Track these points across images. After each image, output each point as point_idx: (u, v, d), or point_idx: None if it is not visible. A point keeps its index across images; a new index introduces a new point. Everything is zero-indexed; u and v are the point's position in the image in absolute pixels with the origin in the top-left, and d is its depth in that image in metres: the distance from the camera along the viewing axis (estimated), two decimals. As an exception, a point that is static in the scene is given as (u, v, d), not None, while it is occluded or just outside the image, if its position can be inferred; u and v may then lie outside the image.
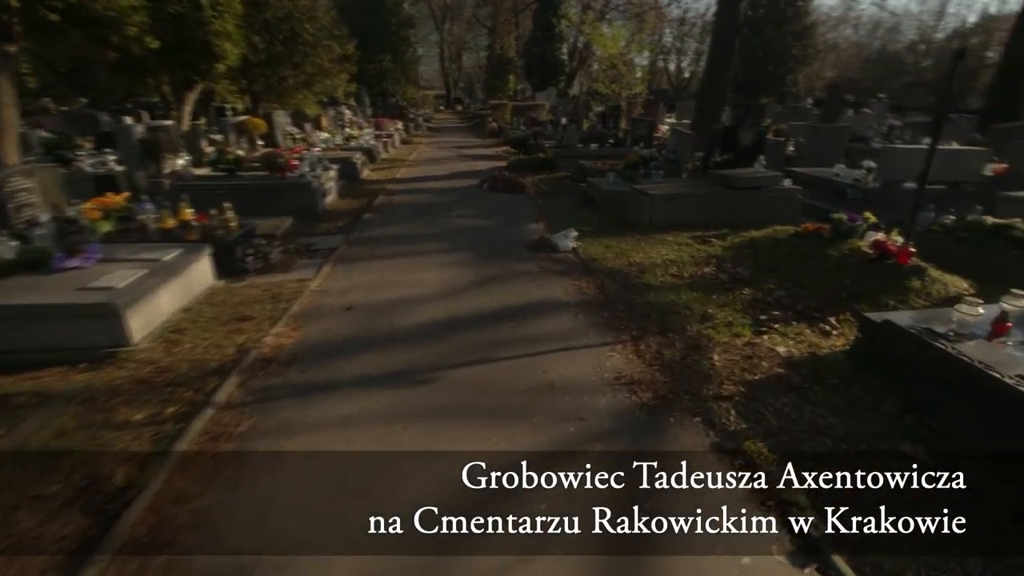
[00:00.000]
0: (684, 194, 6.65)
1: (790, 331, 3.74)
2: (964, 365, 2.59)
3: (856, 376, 3.11)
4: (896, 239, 4.39)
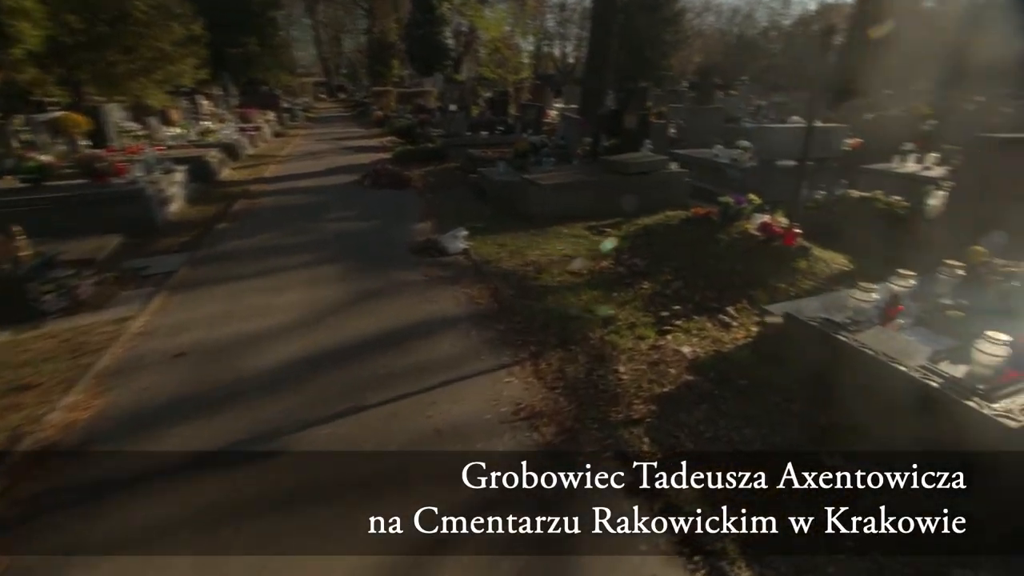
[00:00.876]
0: (576, 182, 6.37)
1: (692, 327, 3.53)
2: (868, 358, 2.44)
3: (763, 374, 2.92)
4: (781, 220, 4.38)
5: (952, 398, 2.14)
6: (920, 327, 2.77)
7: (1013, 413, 2.04)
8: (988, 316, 2.69)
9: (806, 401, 2.68)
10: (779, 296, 3.87)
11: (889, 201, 4.88)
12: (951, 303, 2.86)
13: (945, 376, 2.27)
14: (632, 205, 6.18)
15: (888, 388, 2.38)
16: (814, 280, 4.02)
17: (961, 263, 3.12)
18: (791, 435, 2.47)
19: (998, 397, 2.13)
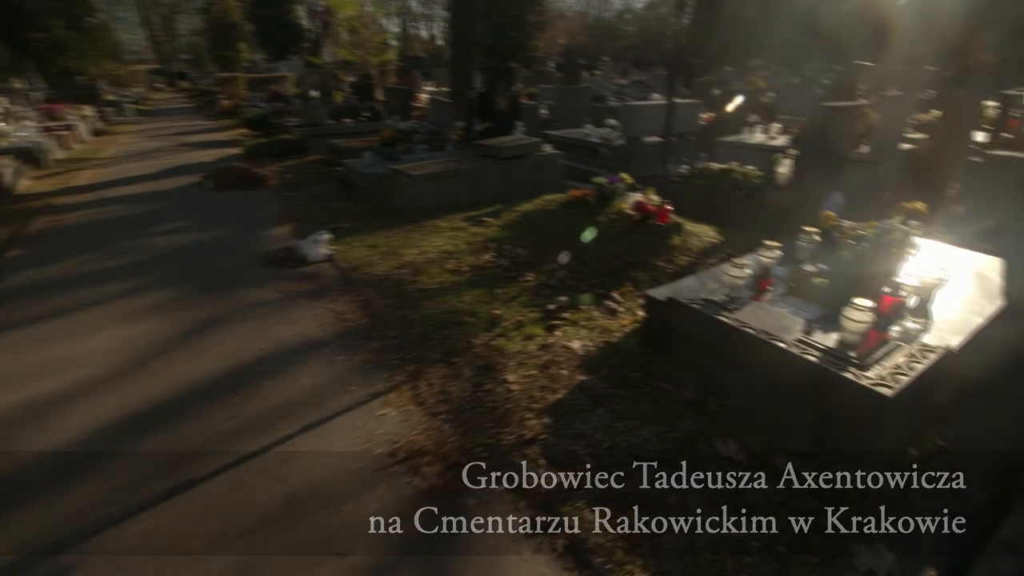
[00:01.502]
0: (450, 170, 5.96)
1: (580, 317, 3.34)
2: (750, 337, 2.38)
3: (653, 363, 2.80)
4: (652, 198, 4.36)
5: (831, 372, 2.12)
6: (791, 297, 2.80)
7: (886, 380, 2.06)
8: (847, 280, 2.79)
9: (697, 387, 2.59)
10: (659, 275, 3.83)
11: (745, 171, 5.12)
12: (814, 270, 2.94)
13: (821, 348, 2.27)
14: (510, 190, 5.93)
15: (771, 365, 2.34)
16: (689, 255, 4.05)
17: (816, 229, 3.25)
18: (686, 427, 2.35)
19: (870, 364, 2.16)
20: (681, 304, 2.70)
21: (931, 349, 2.26)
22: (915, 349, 2.26)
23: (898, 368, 2.13)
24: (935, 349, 2.26)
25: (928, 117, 5.93)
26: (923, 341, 2.36)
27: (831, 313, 2.62)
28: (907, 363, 2.18)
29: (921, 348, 2.27)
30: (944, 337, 2.41)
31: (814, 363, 2.18)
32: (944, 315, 2.59)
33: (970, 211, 4.13)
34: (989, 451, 2.38)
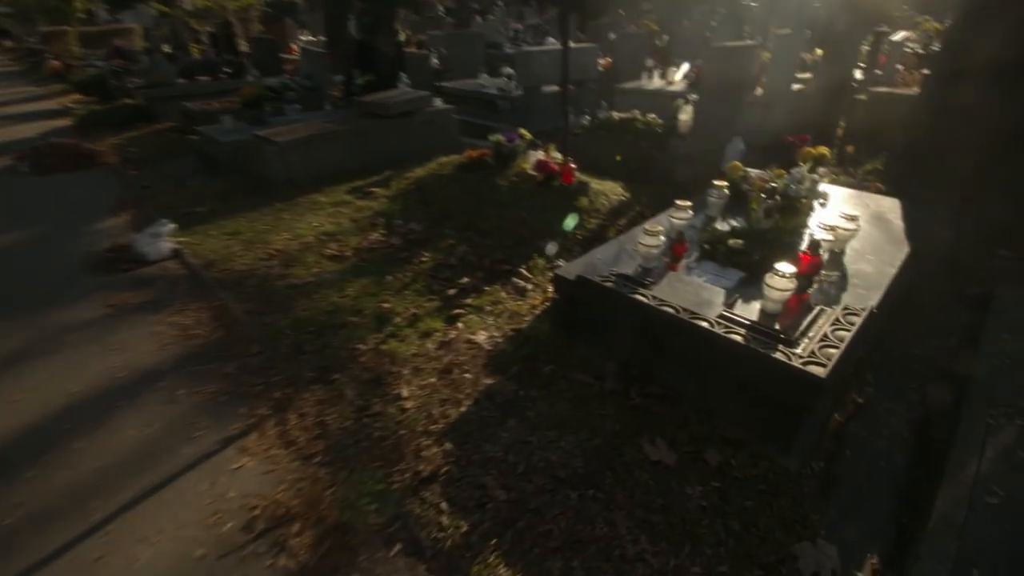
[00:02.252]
0: (328, 133, 5.12)
1: (485, 302, 2.91)
2: (670, 317, 2.08)
3: (568, 350, 2.45)
4: (555, 155, 3.94)
5: (760, 352, 1.86)
6: (707, 261, 2.54)
7: (817, 356, 1.83)
8: (762, 239, 2.56)
9: (617, 375, 2.28)
10: (569, 242, 3.47)
11: (647, 120, 4.83)
12: (728, 229, 2.69)
13: (746, 324, 2.01)
14: (399, 153, 5.23)
15: (695, 346, 2.06)
16: (598, 217, 3.71)
17: (724, 182, 3.00)
18: (610, 429, 2.03)
19: (798, 338, 1.93)
20: (593, 283, 2.33)
21: (854, 312, 2.08)
22: (839, 313, 2.07)
23: (826, 340, 1.92)
24: (858, 312, 2.08)
25: (812, 57, 5.95)
26: (844, 303, 2.18)
27: (750, 276, 2.40)
28: (833, 331, 1.97)
29: (844, 312, 2.08)
30: (863, 295, 2.25)
31: (741, 344, 1.91)
32: (859, 268, 2.45)
33: (860, 150, 4.13)
34: (904, 405, 2.31)
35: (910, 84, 5.51)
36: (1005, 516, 1.65)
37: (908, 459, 2.05)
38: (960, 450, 1.90)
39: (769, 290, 2.06)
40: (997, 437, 1.94)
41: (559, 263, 3.26)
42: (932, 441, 2.11)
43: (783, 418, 1.91)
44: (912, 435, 2.17)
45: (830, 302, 2.21)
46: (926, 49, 6.87)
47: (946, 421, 2.21)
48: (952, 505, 1.71)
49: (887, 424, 2.22)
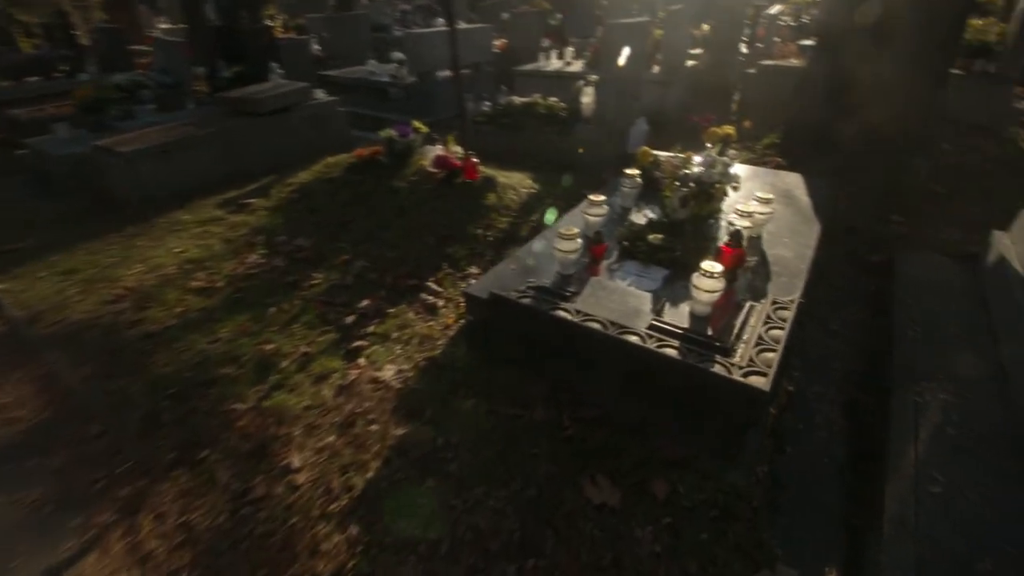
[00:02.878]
0: (188, 138, 4.35)
1: (391, 327, 2.52)
2: (597, 334, 1.83)
3: (489, 377, 2.14)
4: (455, 149, 3.56)
5: (697, 367, 1.66)
6: (628, 260, 2.33)
7: (755, 363, 1.67)
8: (681, 229, 2.39)
9: (547, 401, 2.01)
10: (479, 246, 3.14)
11: (549, 104, 4.58)
12: (645, 222, 2.49)
13: (678, 333, 1.80)
14: (279, 156, 4.58)
15: (628, 362, 1.83)
16: (509, 215, 3.41)
17: (635, 171, 2.81)
18: (545, 472, 1.76)
19: (733, 344, 1.75)
20: (508, 301, 2.03)
21: (783, 305, 1.95)
22: (769, 309, 1.93)
23: (762, 342, 1.77)
24: (787, 305, 1.95)
25: (701, 32, 6.00)
26: (771, 294, 2.05)
27: (675, 273, 2.21)
28: (767, 331, 1.83)
29: (774, 307, 1.95)
30: (787, 284, 2.14)
31: (676, 360, 1.70)
32: (778, 254, 2.35)
33: (757, 124, 4.16)
34: (832, 388, 2.27)
35: (787, 56, 5.71)
36: (951, 507, 1.58)
37: (847, 450, 1.99)
38: (896, 436, 1.84)
39: (697, 292, 1.87)
40: (927, 416, 1.91)
41: (471, 271, 2.93)
42: (866, 426, 2.07)
43: (727, 433, 1.74)
44: (846, 421, 2.12)
45: (757, 295, 2.07)
46: (797, 21, 7.22)
47: (873, 400, 2.18)
48: (900, 503, 1.62)
49: (820, 411, 2.15)
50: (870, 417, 2.10)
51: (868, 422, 2.07)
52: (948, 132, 3.90)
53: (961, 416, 1.90)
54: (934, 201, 3.25)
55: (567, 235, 2.14)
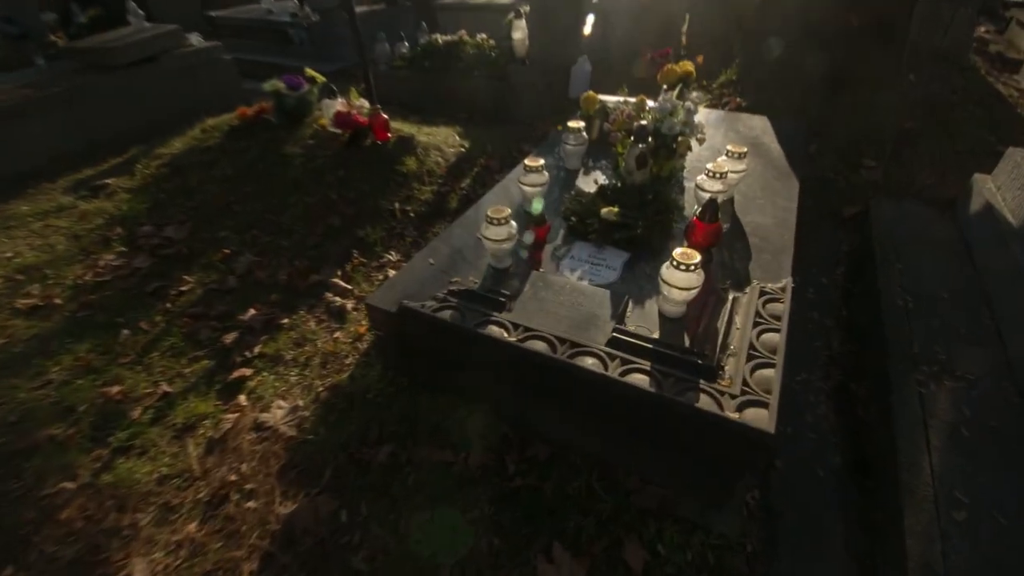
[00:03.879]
0: (23, 105, 3.36)
1: (285, 344, 1.94)
2: (545, 360, 1.34)
3: (412, 409, 1.64)
4: (360, 103, 2.85)
5: (679, 403, 1.21)
6: (578, 242, 1.82)
7: (751, 389, 1.23)
8: (641, 199, 1.89)
9: (479, 439, 1.53)
10: (398, 225, 2.54)
11: (478, 43, 3.85)
12: (595, 189, 1.96)
13: (648, 349, 1.34)
14: (146, 119, 3.67)
15: (588, 391, 1.36)
16: (433, 182, 2.79)
17: (578, 124, 2.24)
18: (488, 547, 1.31)
19: (720, 360, 1.31)
20: (423, 316, 1.49)
21: (774, 296, 1.52)
22: (756, 301, 1.49)
23: (754, 352, 1.33)
24: (778, 295, 1.52)
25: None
26: (755, 278, 1.61)
27: (637, 255, 1.73)
28: (758, 334, 1.39)
29: (763, 298, 1.51)
30: (771, 262, 1.70)
31: (647, 392, 1.24)
32: (756, 222, 1.90)
33: (709, 58, 3.62)
34: (818, 375, 1.91)
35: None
36: (981, 538, 1.25)
37: (844, 458, 1.64)
38: (905, 446, 1.49)
39: (669, 290, 1.40)
40: (935, 413, 1.57)
41: (388, 258, 2.35)
42: (862, 425, 1.72)
43: (717, 479, 1.33)
44: (838, 417, 1.77)
45: (738, 281, 1.63)
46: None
47: (865, 388, 1.84)
48: (923, 542, 1.28)
49: (808, 406, 1.79)
50: (864, 410, 1.77)
51: (863, 419, 1.73)
52: (910, 61, 3.52)
53: (972, 409, 1.57)
54: (905, 140, 2.89)
55: (497, 218, 1.59)
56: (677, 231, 1.81)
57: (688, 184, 2.09)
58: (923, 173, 2.73)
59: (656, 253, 1.73)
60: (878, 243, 2.30)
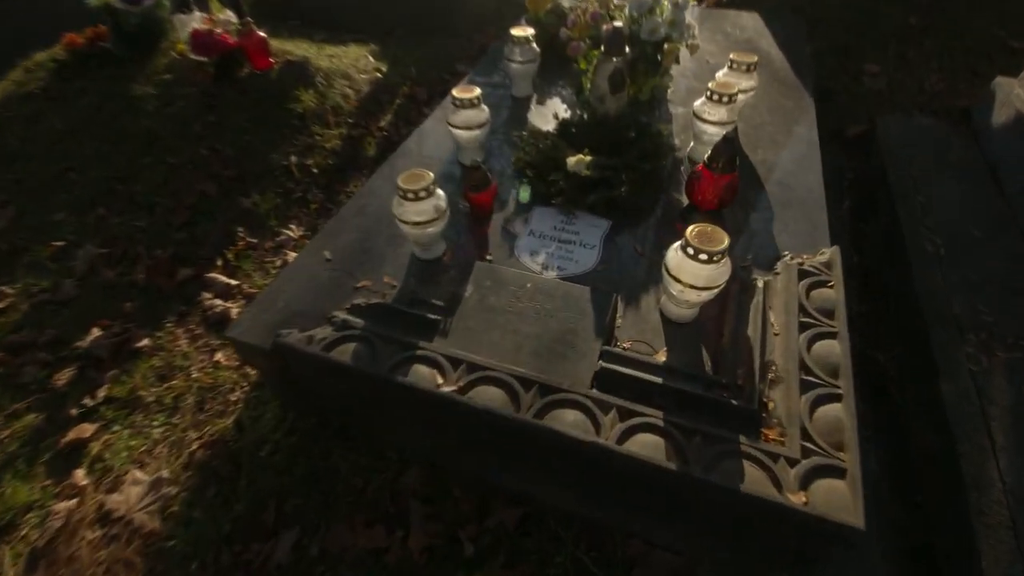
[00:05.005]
0: None
1: (143, 379, 1.36)
2: (503, 422, 0.85)
3: (325, 468, 1.14)
4: (226, 16, 2.03)
5: (710, 485, 0.76)
6: (538, 208, 1.27)
7: (820, 447, 0.79)
8: (619, 139, 1.32)
9: (419, 508, 1.07)
10: (297, 187, 1.89)
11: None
12: (555, 127, 1.38)
13: (653, 385, 0.87)
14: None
15: (580, 463, 0.89)
16: (342, 124, 2.09)
17: (526, 31, 1.59)
18: None
19: (761, 395, 0.85)
20: (309, 356, 0.94)
21: (821, 278, 1.05)
22: (795, 287, 1.02)
23: (812, 378, 0.88)
24: (825, 274, 1.05)
25: None
26: (789, 253, 1.13)
27: (619, 224, 1.21)
28: (808, 342, 0.93)
29: (803, 280, 1.03)
30: (805, 221, 1.22)
31: (661, 469, 0.78)
32: (771, 160, 1.39)
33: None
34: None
35: None
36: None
37: (881, 457, 1.29)
38: (967, 450, 1.13)
39: (682, 291, 0.90)
40: (994, 399, 1.21)
41: (287, 233, 1.73)
42: (895, 409, 1.36)
43: (755, 553, 0.92)
44: (865, 404, 1.40)
45: (762, 251, 1.14)
46: None
47: (894, 359, 1.47)
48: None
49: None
50: (895, 389, 1.40)
51: (896, 403, 1.37)
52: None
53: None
54: (910, 38, 2.38)
55: (412, 190, 1.02)
56: (672, 185, 1.29)
57: (675, 111, 1.53)
58: (931, 78, 2.25)
59: (646, 217, 1.21)
60: (892, 171, 1.85)
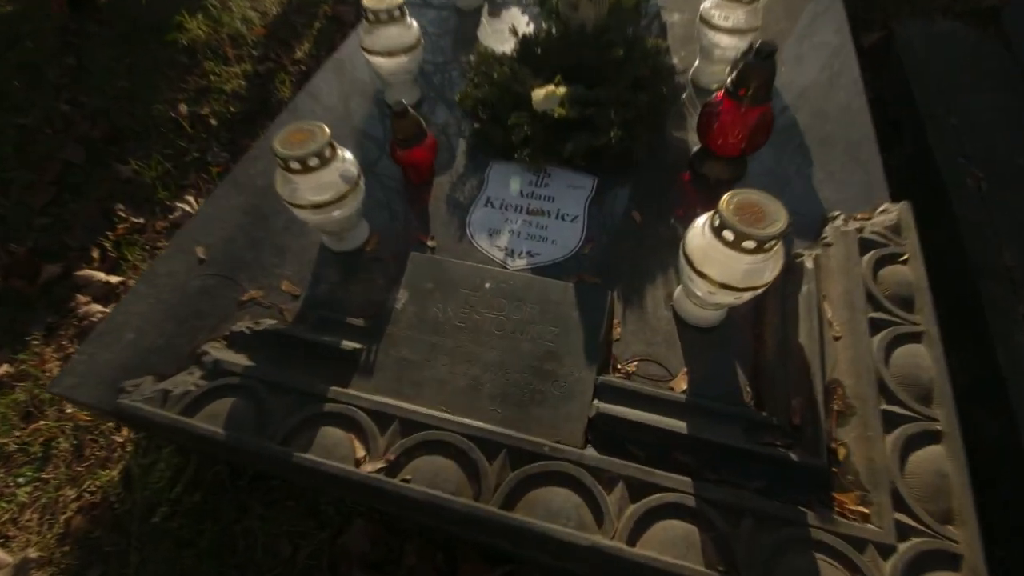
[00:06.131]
0: None
1: (6, 420, 1.00)
2: (445, 517, 0.55)
3: (235, 531, 0.84)
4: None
5: None
6: (492, 164, 0.90)
7: (923, 524, 0.52)
8: (604, 62, 0.94)
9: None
10: (192, 144, 1.44)
11: None
12: (513, 48, 0.98)
13: (681, 437, 0.57)
14: None
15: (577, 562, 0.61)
16: (245, 57, 1.59)
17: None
18: None
19: (829, 453, 0.57)
20: (165, 425, 0.61)
21: (889, 248, 0.74)
22: (860, 265, 0.71)
23: (897, 410, 0.60)
24: (896, 242, 0.74)
25: None
26: (841, 213, 0.81)
27: (606, 182, 0.86)
28: (885, 351, 0.65)
29: (867, 254, 0.73)
30: (854, 166, 0.90)
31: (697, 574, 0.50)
32: (797, 81, 1.03)
33: None
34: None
35: None
36: None
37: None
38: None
39: (714, 292, 0.59)
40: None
41: (185, 208, 1.32)
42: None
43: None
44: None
45: (802, 212, 0.82)
46: None
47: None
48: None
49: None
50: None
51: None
52: None
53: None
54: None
55: (295, 156, 0.64)
56: (672, 122, 0.93)
57: (669, 18, 1.14)
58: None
59: (642, 172, 0.87)
60: (917, 87, 1.52)
